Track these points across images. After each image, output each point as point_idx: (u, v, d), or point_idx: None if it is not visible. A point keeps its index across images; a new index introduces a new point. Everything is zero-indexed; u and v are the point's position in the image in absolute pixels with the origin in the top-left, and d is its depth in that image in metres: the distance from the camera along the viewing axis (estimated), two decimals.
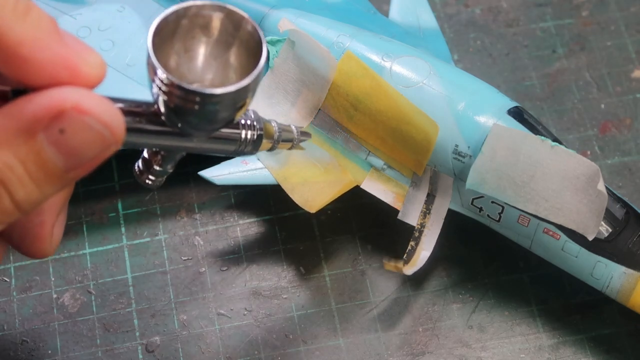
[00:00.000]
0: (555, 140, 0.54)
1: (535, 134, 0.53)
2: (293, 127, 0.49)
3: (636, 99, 0.64)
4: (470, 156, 0.54)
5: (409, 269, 0.54)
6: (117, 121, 0.37)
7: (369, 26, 0.61)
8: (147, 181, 0.45)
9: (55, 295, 0.57)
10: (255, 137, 0.43)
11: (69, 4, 0.62)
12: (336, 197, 0.56)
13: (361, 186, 0.57)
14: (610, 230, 0.53)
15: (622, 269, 0.52)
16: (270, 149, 0.47)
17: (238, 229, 0.60)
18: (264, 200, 0.60)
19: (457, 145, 0.54)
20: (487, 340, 0.56)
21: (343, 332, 0.56)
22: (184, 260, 0.59)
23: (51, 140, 0.36)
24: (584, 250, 0.53)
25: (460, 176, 0.55)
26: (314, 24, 0.58)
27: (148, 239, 0.59)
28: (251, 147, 0.44)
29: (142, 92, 0.58)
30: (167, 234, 0.59)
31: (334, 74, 0.56)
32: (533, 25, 0.67)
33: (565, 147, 0.52)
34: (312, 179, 0.56)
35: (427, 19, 0.65)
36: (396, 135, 0.55)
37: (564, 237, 0.53)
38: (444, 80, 0.55)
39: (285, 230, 0.59)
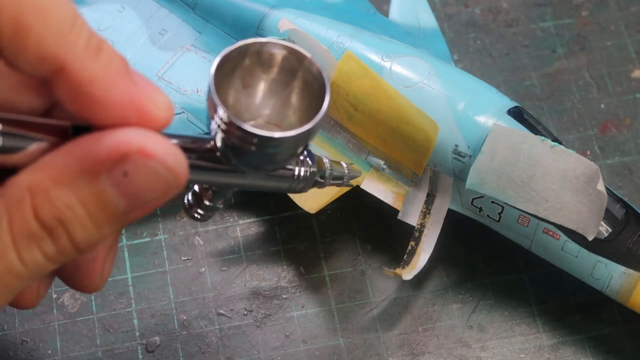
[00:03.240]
0: (555, 140, 0.54)
1: (535, 134, 0.53)
2: (344, 164, 0.47)
3: (636, 99, 0.64)
4: (470, 156, 0.54)
5: (408, 273, 0.54)
6: (181, 165, 0.36)
7: (369, 26, 0.61)
8: (195, 215, 0.44)
9: (55, 295, 0.57)
10: (308, 174, 0.42)
11: None
12: (336, 197, 0.56)
13: (361, 186, 0.57)
14: (610, 230, 0.53)
15: (621, 269, 0.52)
16: (320, 186, 0.45)
17: (238, 229, 0.60)
18: (264, 200, 0.60)
19: (457, 145, 0.54)
20: (487, 340, 0.56)
21: (343, 332, 0.56)
22: (184, 260, 0.59)
23: (114, 182, 0.36)
24: (583, 250, 0.53)
25: (460, 176, 0.55)
26: (314, 24, 0.58)
27: (148, 239, 0.59)
28: (303, 185, 0.43)
29: None
30: (167, 234, 0.59)
31: (334, 74, 0.56)
32: (533, 25, 0.67)
33: (565, 147, 0.52)
34: None
35: (427, 19, 0.65)
36: (396, 135, 0.55)
37: (563, 237, 0.53)
38: (444, 80, 0.55)
39: (285, 230, 0.59)
